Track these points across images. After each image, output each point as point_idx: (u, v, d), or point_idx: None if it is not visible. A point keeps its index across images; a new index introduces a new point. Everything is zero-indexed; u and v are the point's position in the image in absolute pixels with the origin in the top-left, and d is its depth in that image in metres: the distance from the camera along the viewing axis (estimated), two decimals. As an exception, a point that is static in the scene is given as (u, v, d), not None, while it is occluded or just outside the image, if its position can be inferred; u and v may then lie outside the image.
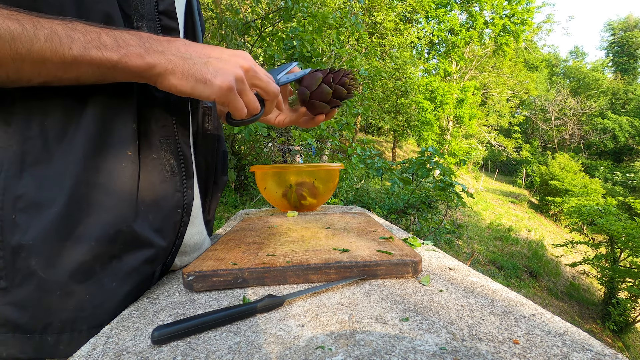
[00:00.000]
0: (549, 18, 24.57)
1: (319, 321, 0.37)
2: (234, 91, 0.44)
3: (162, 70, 0.40)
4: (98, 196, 0.42)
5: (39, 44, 0.34)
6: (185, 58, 0.41)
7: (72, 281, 0.40)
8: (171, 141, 0.50)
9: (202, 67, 0.42)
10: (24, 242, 0.39)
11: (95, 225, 0.42)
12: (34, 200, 0.39)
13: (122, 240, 0.44)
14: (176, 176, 0.51)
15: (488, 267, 8.24)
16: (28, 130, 0.40)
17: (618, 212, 8.10)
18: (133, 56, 0.39)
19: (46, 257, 0.39)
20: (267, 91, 0.50)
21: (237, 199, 4.77)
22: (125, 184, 0.44)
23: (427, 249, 0.66)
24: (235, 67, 0.44)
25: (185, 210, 0.52)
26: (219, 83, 0.42)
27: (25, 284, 0.39)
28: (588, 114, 24.77)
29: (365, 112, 6.15)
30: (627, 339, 6.58)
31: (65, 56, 0.36)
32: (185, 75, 0.41)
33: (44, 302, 0.40)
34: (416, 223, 3.97)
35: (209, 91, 0.43)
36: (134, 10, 0.45)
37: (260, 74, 0.49)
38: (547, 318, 0.37)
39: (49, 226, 0.39)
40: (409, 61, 13.21)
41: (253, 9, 4.32)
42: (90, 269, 0.41)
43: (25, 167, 0.40)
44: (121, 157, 0.44)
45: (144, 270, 0.47)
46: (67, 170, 0.40)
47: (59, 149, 0.41)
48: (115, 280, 0.44)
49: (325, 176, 1.05)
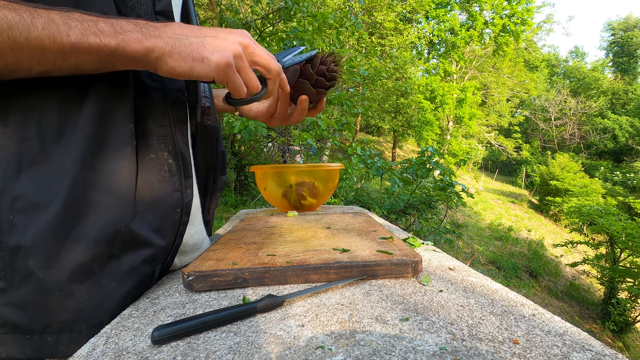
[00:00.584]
0: (549, 18, 24.57)
1: (319, 321, 0.37)
2: (232, 68, 0.43)
3: (160, 54, 0.40)
4: (96, 196, 0.42)
5: (37, 32, 0.34)
6: (181, 39, 0.41)
7: (71, 282, 0.40)
8: (169, 141, 0.50)
9: (198, 45, 0.41)
10: (22, 242, 0.39)
11: (93, 225, 0.42)
12: (32, 201, 0.39)
13: (121, 240, 0.44)
14: (174, 176, 0.50)
15: (488, 267, 8.24)
16: (25, 130, 0.40)
17: (618, 212, 8.10)
18: (131, 41, 0.38)
19: (45, 258, 0.39)
20: (269, 69, 0.48)
21: (237, 199, 4.77)
22: (123, 184, 0.44)
23: (427, 249, 0.66)
24: (233, 44, 0.43)
25: (184, 209, 0.52)
26: (217, 59, 0.41)
27: (24, 284, 0.39)
28: (588, 114, 24.77)
29: (365, 112, 6.15)
30: (627, 339, 6.59)
31: (64, 43, 0.36)
32: (183, 55, 0.40)
33: (43, 303, 0.40)
34: (416, 223, 3.97)
35: (207, 69, 0.42)
36: (130, 10, 0.45)
37: (260, 50, 0.47)
38: (547, 318, 0.37)
39: (47, 227, 0.39)
40: (409, 61, 13.21)
41: (253, 9, 4.33)
42: (89, 269, 0.41)
43: (22, 167, 0.40)
44: (119, 157, 0.44)
45: (143, 270, 0.47)
46: (64, 171, 0.40)
47: (56, 149, 0.40)
48: (115, 280, 0.44)
49: (325, 176, 1.05)
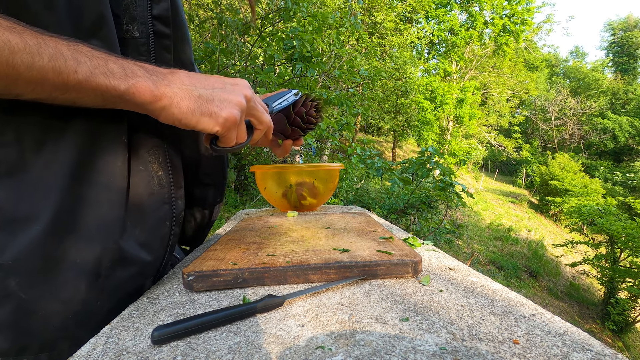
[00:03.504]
0: (549, 18, 24.57)
1: (319, 321, 0.37)
2: (237, 123, 0.44)
3: (168, 104, 0.39)
4: (85, 212, 0.40)
5: (42, 63, 0.32)
6: (191, 90, 0.40)
7: (56, 301, 0.39)
8: (160, 152, 0.49)
9: (207, 99, 0.41)
10: (1, 262, 0.36)
11: (81, 243, 0.40)
12: (13, 216, 0.36)
13: (109, 258, 0.42)
14: (164, 188, 0.49)
15: (488, 267, 8.24)
16: (2, 135, 0.37)
17: (618, 212, 8.10)
18: (141, 88, 0.37)
19: (28, 277, 0.37)
20: (261, 121, 0.50)
21: (237, 199, 4.77)
22: (113, 198, 0.43)
23: (427, 249, 0.66)
24: (239, 97, 0.44)
25: (174, 221, 0.51)
26: (226, 116, 0.42)
27: (1, 306, 0.37)
28: (588, 114, 24.76)
29: (365, 112, 6.15)
30: (627, 339, 6.59)
31: (69, 79, 0.34)
32: (191, 109, 0.40)
33: (22, 324, 0.37)
34: (416, 223, 3.97)
35: (213, 123, 0.42)
36: (124, 11, 0.43)
37: (258, 104, 0.49)
38: (547, 318, 0.37)
39: (31, 244, 0.37)
40: (409, 61, 13.21)
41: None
42: (75, 289, 0.40)
43: (0, 178, 0.36)
44: (110, 170, 0.42)
45: (132, 285, 0.46)
46: (51, 184, 0.38)
47: (37, 159, 0.38)
48: (100, 299, 0.42)
49: (325, 176, 1.05)
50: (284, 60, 3.77)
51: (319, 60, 3.71)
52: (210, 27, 4.34)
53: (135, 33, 0.44)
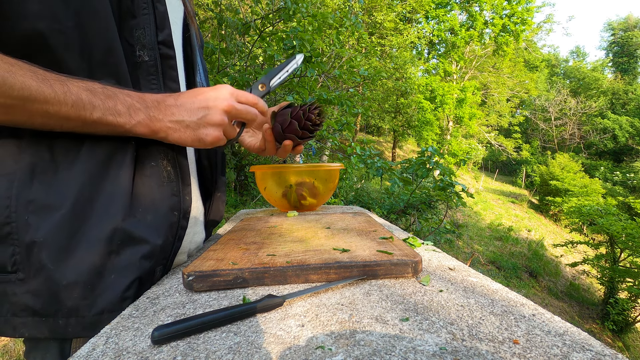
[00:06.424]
0: (549, 18, 24.57)
1: (319, 321, 0.37)
2: (222, 139, 0.55)
3: (164, 135, 0.51)
4: (99, 200, 0.47)
5: (66, 109, 0.42)
6: (180, 122, 0.51)
7: (76, 274, 0.45)
8: (168, 151, 0.55)
9: (195, 129, 0.52)
10: (35, 239, 0.44)
11: (95, 225, 0.47)
12: (44, 203, 0.45)
13: (119, 237, 0.48)
14: (173, 182, 0.55)
15: (488, 267, 8.24)
16: (38, 144, 0.46)
17: (618, 212, 8.10)
18: (140, 127, 0.48)
19: (55, 253, 0.45)
20: (247, 119, 0.58)
21: (237, 199, 4.77)
22: (124, 189, 0.49)
23: (427, 249, 0.66)
24: (221, 116, 0.52)
25: (182, 214, 0.56)
26: (211, 140, 0.53)
27: (38, 275, 0.44)
28: (588, 114, 24.76)
29: (365, 112, 6.14)
30: (627, 339, 6.59)
31: (87, 119, 0.44)
32: (183, 138, 0.52)
33: (53, 292, 0.45)
34: (416, 223, 3.97)
35: (203, 144, 0.53)
36: (136, 41, 0.51)
37: (241, 108, 0.55)
38: (547, 318, 0.37)
39: (57, 225, 0.45)
40: (409, 61, 13.19)
41: (253, 9, 4.32)
42: (91, 263, 0.46)
43: (35, 175, 0.45)
44: (121, 167, 0.49)
45: (142, 266, 0.50)
46: (72, 179, 0.46)
47: (65, 160, 0.47)
48: (114, 273, 0.47)
49: (325, 176, 1.05)
50: (284, 60, 3.76)
51: (319, 60, 3.71)
52: (210, 27, 4.34)
53: (146, 57, 0.52)
